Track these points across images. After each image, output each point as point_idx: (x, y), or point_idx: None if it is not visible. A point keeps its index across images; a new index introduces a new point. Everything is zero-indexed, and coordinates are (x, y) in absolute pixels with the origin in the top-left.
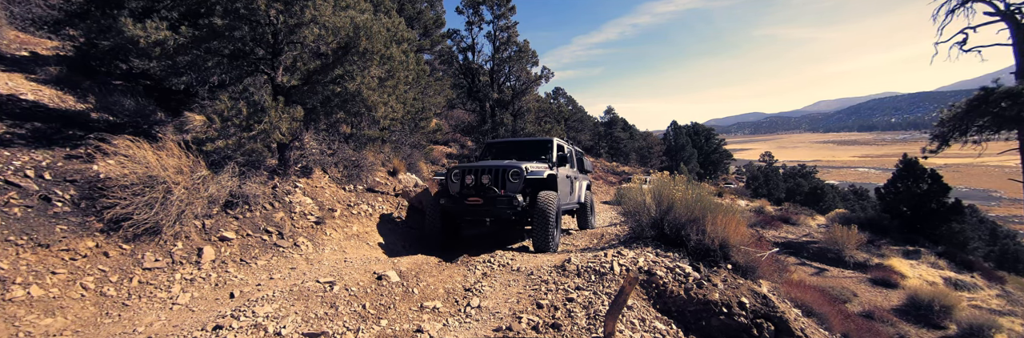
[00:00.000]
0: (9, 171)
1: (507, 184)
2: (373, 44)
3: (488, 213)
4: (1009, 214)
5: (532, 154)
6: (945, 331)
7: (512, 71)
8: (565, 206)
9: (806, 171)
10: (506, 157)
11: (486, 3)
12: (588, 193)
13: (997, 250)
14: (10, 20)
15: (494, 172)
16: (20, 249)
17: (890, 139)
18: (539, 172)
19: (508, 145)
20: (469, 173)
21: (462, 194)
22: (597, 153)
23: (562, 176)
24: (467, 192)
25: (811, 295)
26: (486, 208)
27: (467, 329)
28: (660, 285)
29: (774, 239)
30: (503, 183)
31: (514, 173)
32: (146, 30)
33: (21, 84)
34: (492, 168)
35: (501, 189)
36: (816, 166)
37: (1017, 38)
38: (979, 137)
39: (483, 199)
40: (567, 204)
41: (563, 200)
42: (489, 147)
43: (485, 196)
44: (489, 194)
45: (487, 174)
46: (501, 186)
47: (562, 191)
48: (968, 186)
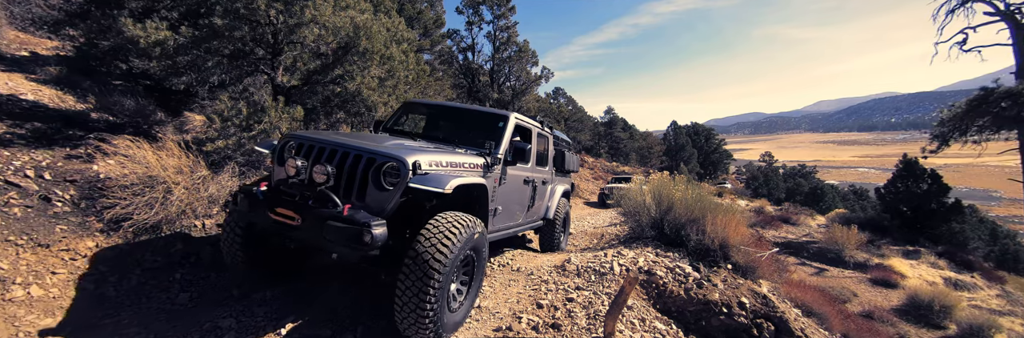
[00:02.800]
0: (9, 171)
1: (367, 191)
2: (373, 44)
3: (312, 243)
4: (1009, 214)
5: (471, 136)
6: (945, 331)
7: (512, 71)
8: (509, 230)
9: (806, 171)
10: (435, 135)
11: (486, 3)
12: (563, 202)
13: (997, 250)
14: (10, 20)
15: (344, 159)
16: (20, 249)
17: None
18: (445, 178)
19: (441, 114)
20: (301, 151)
21: (271, 197)
22: (597, 153)
23: (512, 184)
24: (278, 195)
25: (811, 295)
26: (305, 234)
27: (467, 329)
28: (660, 285)
29: (774, 239)
30: (359, 188)
31: (388, 170)
32: (146, 30)
33: (21, 84)
34: (344, 149)
35: (345, 203)
36: (816, 166)
37: (1017, 38)
38: (979, 137)
39: (301, 216)
40: (511, 227)
41: (504, 223)
42: (407, 109)
43: (306, 212)
44: (313, 209)
45: (329, 162)
46: (352, 194)
47: (507, 209)
48: (968, 186)
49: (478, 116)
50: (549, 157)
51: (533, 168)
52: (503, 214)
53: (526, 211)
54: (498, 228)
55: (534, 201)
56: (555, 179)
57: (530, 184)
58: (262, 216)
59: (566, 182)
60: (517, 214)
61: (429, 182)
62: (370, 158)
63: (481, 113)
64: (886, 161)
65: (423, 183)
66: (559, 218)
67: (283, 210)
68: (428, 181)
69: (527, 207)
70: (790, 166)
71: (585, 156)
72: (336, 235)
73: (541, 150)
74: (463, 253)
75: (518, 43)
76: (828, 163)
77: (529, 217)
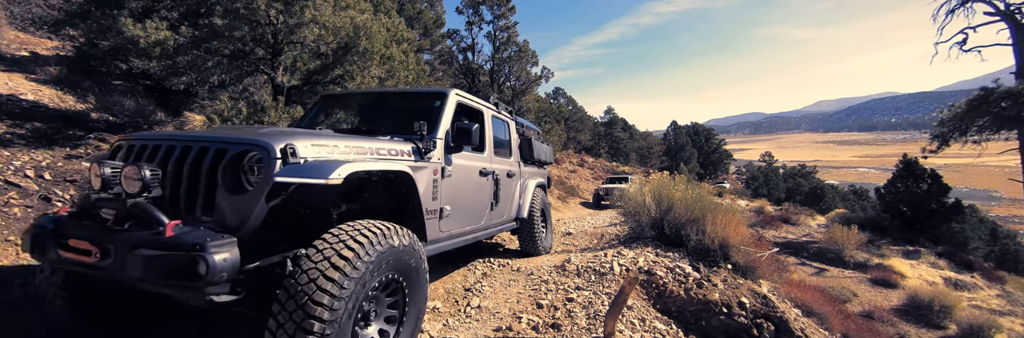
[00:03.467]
0: (9, 171)
1: (217, 197)
2: (373, 44)
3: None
4: (1009, 214)
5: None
6: (945, 331)
7: (512, 71)
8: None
9: (806, 171)
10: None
11: (486, 3)
12: (539, 196)
13: (997, 250)
14: (10, 20)
15: (183, 155)
16: (20, 249)
17: (890, 139)
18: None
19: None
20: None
21: (67, 225)
22: (597, 153)
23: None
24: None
25: (811, 295)
26: (114, 273)
27: (467, 329)
28: (660, 285)
29: (774, 239)
30: (206, 194)
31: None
32: (146, 30)
33: (21, 84)
34: (174, 142)
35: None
36: (816, 166)
37: (1017, 38)
38: (979, 137)
39: (100, 248)
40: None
41: (461, 226)
42: (325, 104)
43: (106, 239)
44: (116, 234)
45: (150, 161)
46: (197, 204)
47: (461, 209)
48: (968, 186)
49: (409, 98)
50: (513, 145)
51: (492, 158)
52: (457, 215)
53: (490, 210)
54: (452, 234)
55: (499, 198)
56: (524, 171)
57: (490, 177)
58: (52, 255)
59: (540, 174)
60: (478, 214)
61: (306, 172)
62: (219, 149)
63: (412, 94)
64: (886, 161)
65: (295, 174)
66: (536, 215)
67: (77, 242)
68: (303, 171)
69: (490, 205)
70: (790, 166)
71: (585, 156)
72: (149, 269)
73: (501, 137)
74: (376, 278)
75: (518, 43)
76: (828, 163)
77: (496, 217)
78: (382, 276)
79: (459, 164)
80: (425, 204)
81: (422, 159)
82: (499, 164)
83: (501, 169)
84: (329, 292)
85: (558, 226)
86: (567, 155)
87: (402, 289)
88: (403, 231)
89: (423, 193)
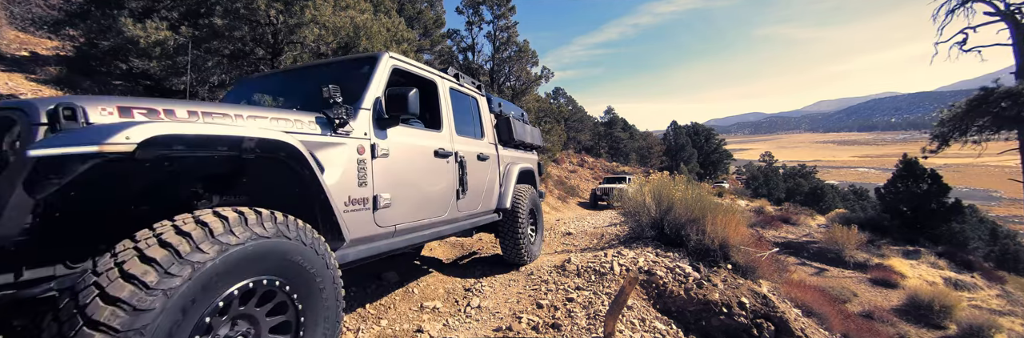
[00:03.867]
0: None
1: None
2: (373, 44)
3: None
4: (1009, 214)
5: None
6: (945, 331)
7: (512, 71)
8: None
9: (806, 171)
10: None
11: (486, 3)
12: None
13: (997, 250)
14: (10, 20)
15: None
16: None
17: (890, 139)
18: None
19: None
20: None
21: None
22: (597, 153)
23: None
24: None
25: (811, 295)
26: None
27: (467, 329)
28: (660, 285)
29: (774, 239)
30: None
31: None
32: (146, 30)
33: (21, 84)
34: None
35: None
36: (816, 166)
37: (1017, 38)
38: (979, 137)
39: None
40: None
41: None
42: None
43: None
44: None
45: None
46: None
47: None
48: (968, 186)
49: (336, 69)
50: (484, 124)
51: (454, 137)
52: (402, 205)
53: (457, 198)
54: (398, 229)
55: (467, 184)
56: (504, 155)
57: (451, 159)
58: None
59: (525, 159)
60: (439, 204)
61: (72, 140)
62: None
63: (337, 63)
64: (886, 161)
65: (56, 144)
66: (523, 209)
67: None
68: (70, 139)
69: (456, 192)
70: (790, 166)
71: (585, 156)
72: None
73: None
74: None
75: (518, 43)
76: (828, 163)
77: (468, 207)
78: (243, 283)
79: (401, 142)
80: (342, 191)
81: (334, 133)
82: (465, 145)
83: (468, 150)
84: (118, 316)
85: (558, 226)
86: (567, 155)
87: (292, 303)
88: (284, 220)
89: (340, 176)
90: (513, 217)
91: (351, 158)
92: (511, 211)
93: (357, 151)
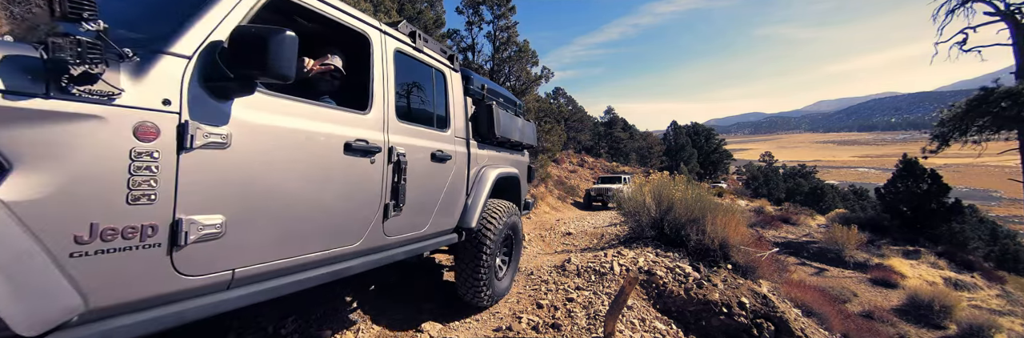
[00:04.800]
0: None
1: None
2: None
3: None
4: (1009, 214)
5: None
6: (945, 331)
7: (512, 71)
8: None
9: (806, 171)
10: None
11: (486, 3)
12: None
13: (997, 250)
14: (10, 20)
15: None
16: None
17: (890, 139)
18: None
19: None
20: None
21: None
22: (597, 153)
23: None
24: None
25: (811, 295)
26: None
27: (467, 329)
28: (660, 285)
29: (774, 239)
30: None
31: None
32: None
33: None
34: None
35: None
36: (816, 166)
37: (1017, 38)
38: (979, 137)
39: None
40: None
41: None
42: None
43: None
44: None
45: None
46: None
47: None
48: (968, 186)
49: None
50: (453, 110)
51: (394, 123)
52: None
53: (383, 216)
54: (240, 276)
55: (404, 193)
56: (478, 155)
57: (375, 157)
58: None
59: (511, 162)
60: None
61: None
62: None
63: None
64: (886, 161)
65: None
66: (493, 229)
67: None
68: None
69: (382, 208)
70: (790, 166)
71: (585, 156)
72: None
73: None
74: None
75: (518, 43)
76: (828, 163)
77: (404, 228)
78: None
79: (263, 124)
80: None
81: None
82: (410, 136)
83: (413, 145)
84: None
85: (558, 226)
86: (567, 155)
87: None
88: None
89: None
90: (477, 242)
91: (112, 147)
92: (475, 233)
93: (134, 134)
